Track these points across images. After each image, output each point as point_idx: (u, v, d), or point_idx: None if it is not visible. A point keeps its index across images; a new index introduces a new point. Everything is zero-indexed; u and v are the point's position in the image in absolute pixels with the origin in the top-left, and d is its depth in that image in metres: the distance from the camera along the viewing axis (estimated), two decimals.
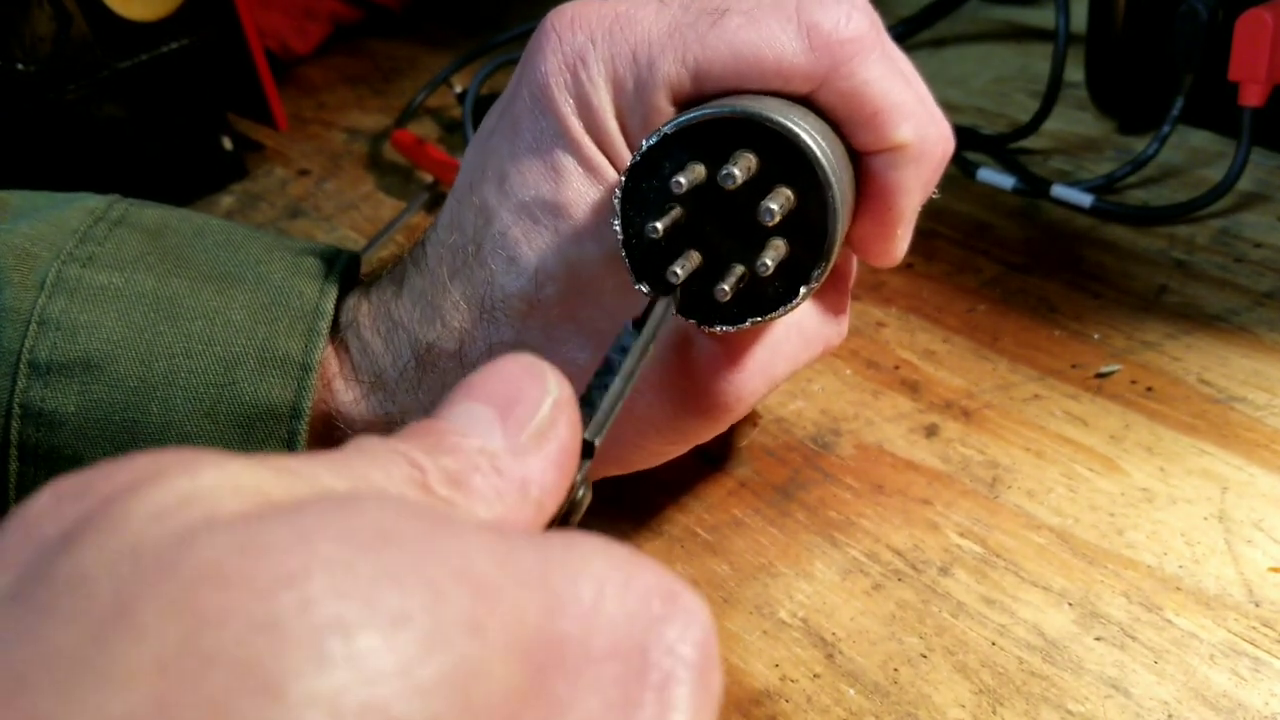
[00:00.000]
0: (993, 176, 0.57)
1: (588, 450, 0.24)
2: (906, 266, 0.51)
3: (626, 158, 0.32)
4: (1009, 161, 0.59)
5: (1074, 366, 0.44)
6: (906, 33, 0.73)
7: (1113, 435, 0.40)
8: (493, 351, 0.33)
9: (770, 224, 0.28)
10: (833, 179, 0.29)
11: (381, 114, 0.75)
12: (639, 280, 0.30)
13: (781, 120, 0.29)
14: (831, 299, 0.37)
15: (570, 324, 0.33)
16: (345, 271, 0.35)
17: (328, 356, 0.34)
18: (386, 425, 0.33)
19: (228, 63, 0.70)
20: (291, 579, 0.14)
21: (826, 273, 0.30)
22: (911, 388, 0.44)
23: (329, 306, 0.33)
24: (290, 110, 0.75)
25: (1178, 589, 0.34)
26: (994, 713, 0.31)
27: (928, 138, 0.32)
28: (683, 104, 0.31)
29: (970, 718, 0.31)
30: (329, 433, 0.33)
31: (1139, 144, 0.56)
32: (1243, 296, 0.47)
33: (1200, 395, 0.42)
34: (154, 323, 0.31)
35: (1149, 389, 0.42)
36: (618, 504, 0.40)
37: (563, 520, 0.22)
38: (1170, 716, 0.31)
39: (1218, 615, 0.33)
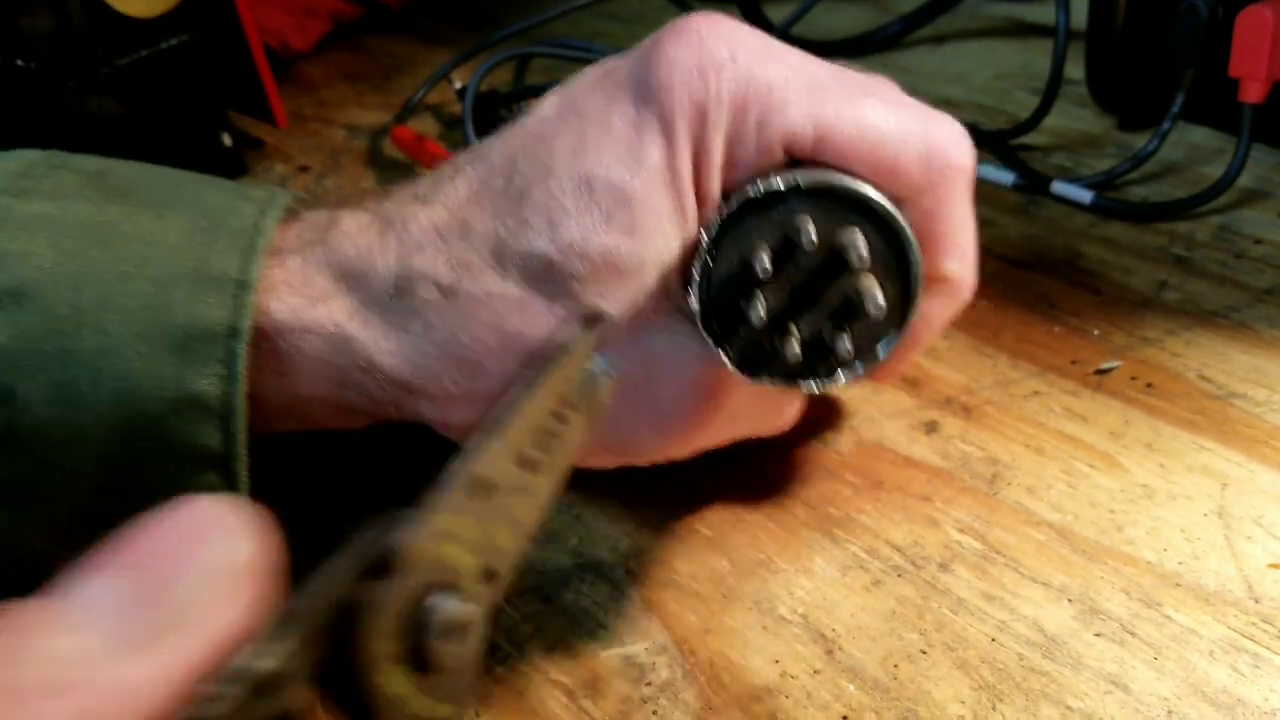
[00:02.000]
0: (993, 173, 0.57)
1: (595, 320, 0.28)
2: None
3: (715, 180, 0.31)
4: (1009, 158, 0.59)
5: (1074, 363, 0.44)
6: (907, 29, 0.73)
7: (1112, 432, 0.40)
8: (490, 299, 0.31)
9: (874, 315, 0.30)
10: (920, 291, 0.31)
11: (381, 110, 0.74)
12: (704, 319, 0.31)
13: (905, 226, 0.31)
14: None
15: (573, 305, 0.31)
16: (291, 201, 0.33)
17: (274, 266, 0.31)
18: (333, 338, 0.31)
19: (227, 59, 0.69)
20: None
21: (867, 372, 0.32)
22: (911, 384, 0.44)
23: (269, 225, 0.31)
24: (290, 107, 0.75)
25: (1177, 585, 0.34)
26: (994, 709, 0.31)
27: (964, 281, 0.34)
28: (791, 158, 0.31)
29: (970, 714, 0.31)
30: (274, 345, 0.31)
31: (1139, 140, 0.56)
32: (1243, 293, 0.47)
33: (1200, 392, 0.42)
34: (86, 248, 0.30)
35: (1149, 385, 0.42)
36: (618, 498, 0.40)
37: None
38: (1170, 712, 0.31)
39: (1217, 611, 0.33)
